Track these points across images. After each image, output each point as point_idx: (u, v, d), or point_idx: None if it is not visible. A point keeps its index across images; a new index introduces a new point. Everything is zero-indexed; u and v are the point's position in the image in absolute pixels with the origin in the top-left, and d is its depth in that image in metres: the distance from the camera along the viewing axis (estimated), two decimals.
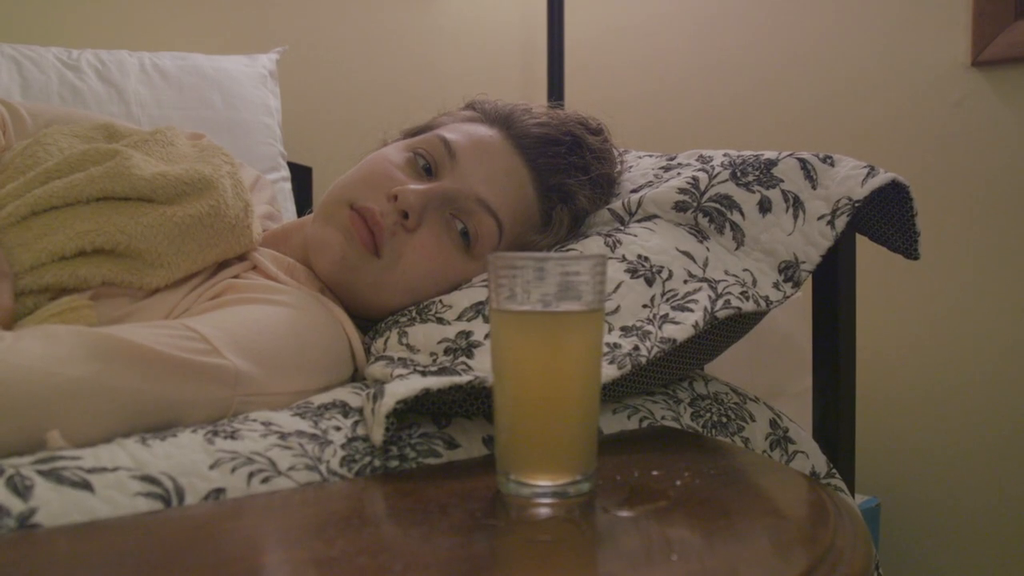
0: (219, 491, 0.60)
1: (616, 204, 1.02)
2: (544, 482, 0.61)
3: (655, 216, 0.98)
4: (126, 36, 0.83)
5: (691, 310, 0.84)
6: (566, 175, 1.03)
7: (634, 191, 1.04)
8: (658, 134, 2.12)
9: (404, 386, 0.70)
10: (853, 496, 1.02)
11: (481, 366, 0.78)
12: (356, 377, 0.91)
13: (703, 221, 0.96)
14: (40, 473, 0.56)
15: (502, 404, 0.62)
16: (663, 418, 0.85)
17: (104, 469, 0.58)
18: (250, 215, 0.96)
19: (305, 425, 0.71)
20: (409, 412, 0.74)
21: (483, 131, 1.03)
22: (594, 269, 0.61)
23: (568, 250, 0.96)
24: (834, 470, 0.96)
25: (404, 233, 0.94)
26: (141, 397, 0.68)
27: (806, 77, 1.92)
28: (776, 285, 0.91)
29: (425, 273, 0.95)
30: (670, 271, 0.88)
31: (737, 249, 0.94)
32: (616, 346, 0.80)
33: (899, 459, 1.79)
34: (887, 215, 0.98)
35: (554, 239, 1.03)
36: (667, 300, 0.85)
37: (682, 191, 0.98)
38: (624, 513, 0.58)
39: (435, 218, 0.95)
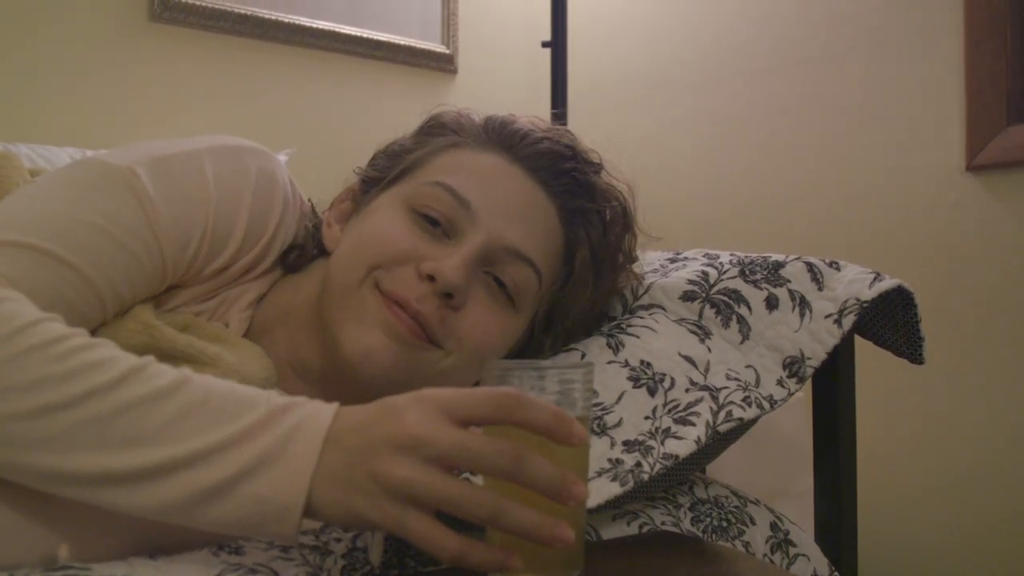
0: None
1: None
2: None
3: (659, 307, 0.99)
4: (139, 138, 0.86)
5: (693, 424, 0.85)
6: (584, 197, 0.93)
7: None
8: (662, 212, 2.14)
9: None
10: None
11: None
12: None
13: (710, 313, 0.97)
14: None
15: None
16: (663, 523, 0.86)
17: None
18: None
19: (306, 539, 0.72)
20: None
21: (485, 161, 0.90)
22: (586, 377, 0.64)
23: (570, 349, 0.97)
24: (836, 573, 0.95)
25: (453, 314, 0.85)
26: None
27: (802, 182, 1.96)
28: (780, 382, 0.92)
29: (492, 347, 0.88)
30: (672, 379, 0.89)
31: (742, 343, 0.95)
32: (619, 462, 0.81)
33: (904, 558, 1.77)
34: (891, 320, 1.00)
35: (583, 288, 0.95)
36: (669, 412, 0.86)
37: (692, 282, 1.00)
38: None
39: (476, 285, 0.86)
